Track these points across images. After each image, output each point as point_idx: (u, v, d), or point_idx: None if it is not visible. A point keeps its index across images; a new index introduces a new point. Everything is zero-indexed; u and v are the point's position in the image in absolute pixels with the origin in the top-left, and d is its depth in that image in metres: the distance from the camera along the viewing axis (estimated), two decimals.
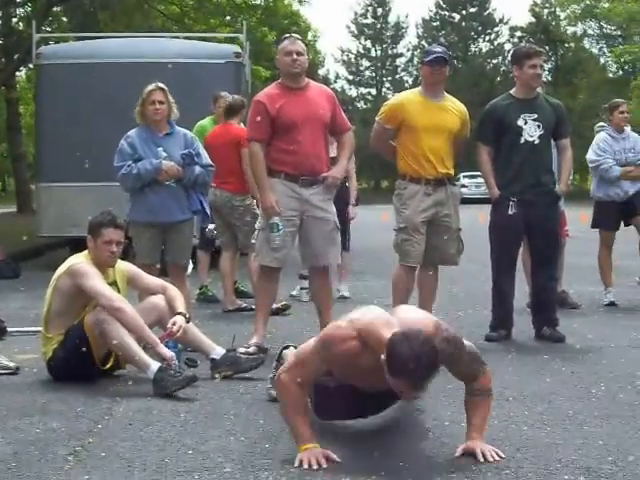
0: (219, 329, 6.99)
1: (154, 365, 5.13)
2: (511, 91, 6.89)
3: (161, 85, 6.57)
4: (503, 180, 6.74)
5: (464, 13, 60.59)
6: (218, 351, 5.57)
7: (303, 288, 8.73)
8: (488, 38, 60.55)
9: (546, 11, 56.62)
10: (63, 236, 12.43)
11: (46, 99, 12.19)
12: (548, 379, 5.44)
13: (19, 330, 6.99)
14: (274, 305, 7.14)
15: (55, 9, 24.94)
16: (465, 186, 35.09)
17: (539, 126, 6.68)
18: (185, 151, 6.58)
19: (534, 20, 57.12)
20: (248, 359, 5.60)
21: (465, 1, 60.22)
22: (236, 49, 12.65)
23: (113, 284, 5.57)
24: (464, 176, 35.73)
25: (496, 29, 60.19)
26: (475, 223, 9.74)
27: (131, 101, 6.69)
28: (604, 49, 49.62)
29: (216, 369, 5.50)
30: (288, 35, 6.47)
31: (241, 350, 5.92)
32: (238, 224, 8.18)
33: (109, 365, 5.45)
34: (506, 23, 59.97)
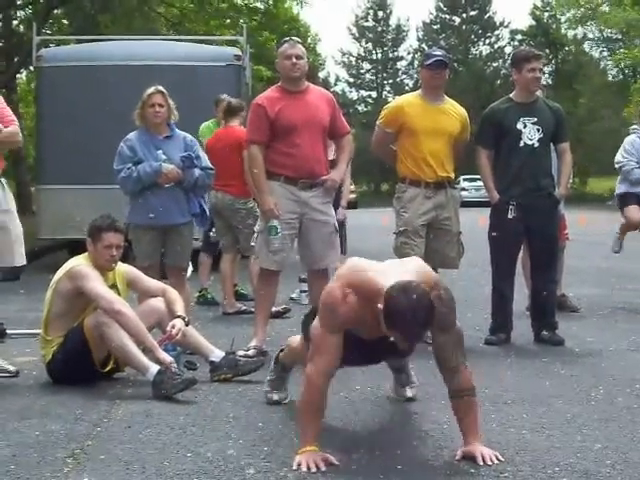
0: (218, 332, 6.98)
1: (153, 368, 5.13)
2: (511, 95, 6.89)
3: (161, 88, 6.57)
4: (502, 184, 6.73)
5: (464, 16, 60.64)
6: (217, 354, 5.56)
7: (303, 291, 8.72)
8: (488, 41, 60.61)
9: (546, 14, 56.63)
10: (63, 238, 12.43)
11: (46, 102, 12.17)
12: (547, 382, 5.44)
13: (18, 332, 6.98)
14: (274, 308, 7.14)
15: (56, 12, 24.96)
16: (465, 189, 35.00)
17: (538, 130, 6.68)
18: (185, 154, 6.58)
19: (534, 23, 57.17)
20: (247, 362, 5.61)
21: (465, 4, 60.24)
22: (236, 52, 12.65)
23: (113, 287, 5.56)
24: (464, 179, 35.68)
25: (496, 32, 60.26)
26: (475, 226, 9.73)
27: (131, 104, 6.69)
28: (604, 53, 49.66)
29: (215, 372, 5.50)
30: (288, 39, 6.46)
31: (240, 353, 5.92)
32: (240, 227, 8.18)
33: (108, 368, 5.46)
34: (506, 26, 60.06)
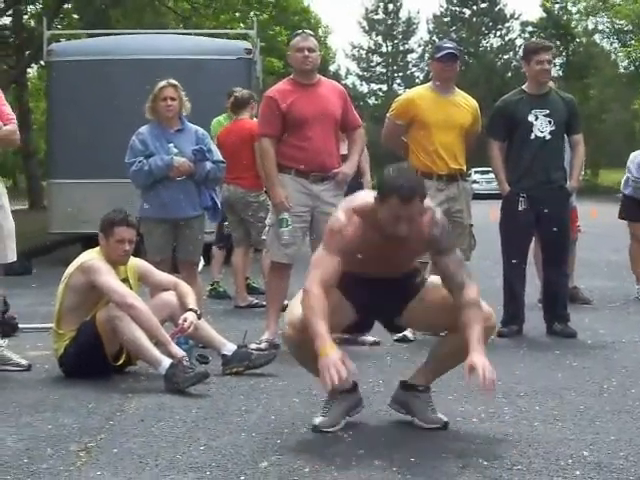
0: (230, 325, 6.98)
1: (166, 361, 5.13)
2: (523, 86, 6.87)
3: (173, 81, 6.55)
4: (513, 176, 6.72)
5: (475, 9, 60.49)
6: (229, 347, 5.56)
7: None
8: (499, 33, 60.45)
9: (557, 6, 56.40)
10: (74, 232, 12.43)
11: (57, 96, 12.18)
12: (559, 374, 5.43)
13: (31, 327, 7.00)
14: (285, 301, 7.13)
15: (66, 6, 25.05)
16: (476, 182, 34.92)
17: (550, 122, 6.65)
18: (196, 147, 6.56)
19: (545, 15, 56.95)
20: (259, 355, 5.61)
21: None
22: (247, 45, 12.64)
23: (125, 281, 5.57)
24: (475, 172, 35.58)
25: (507, 24, 60.09)
26: (486, 219, 9.71)
27: (142, 98, 6.68)
28: (615, 44, 49.41)
29: (227, 365, 5.50)
30: (300, 31, 6.45)
31: (252, 346, 5.93)
32: (252, 220, 8.17)
33: (121, 361, 5.46)
34: (517, 18, 59.90)
